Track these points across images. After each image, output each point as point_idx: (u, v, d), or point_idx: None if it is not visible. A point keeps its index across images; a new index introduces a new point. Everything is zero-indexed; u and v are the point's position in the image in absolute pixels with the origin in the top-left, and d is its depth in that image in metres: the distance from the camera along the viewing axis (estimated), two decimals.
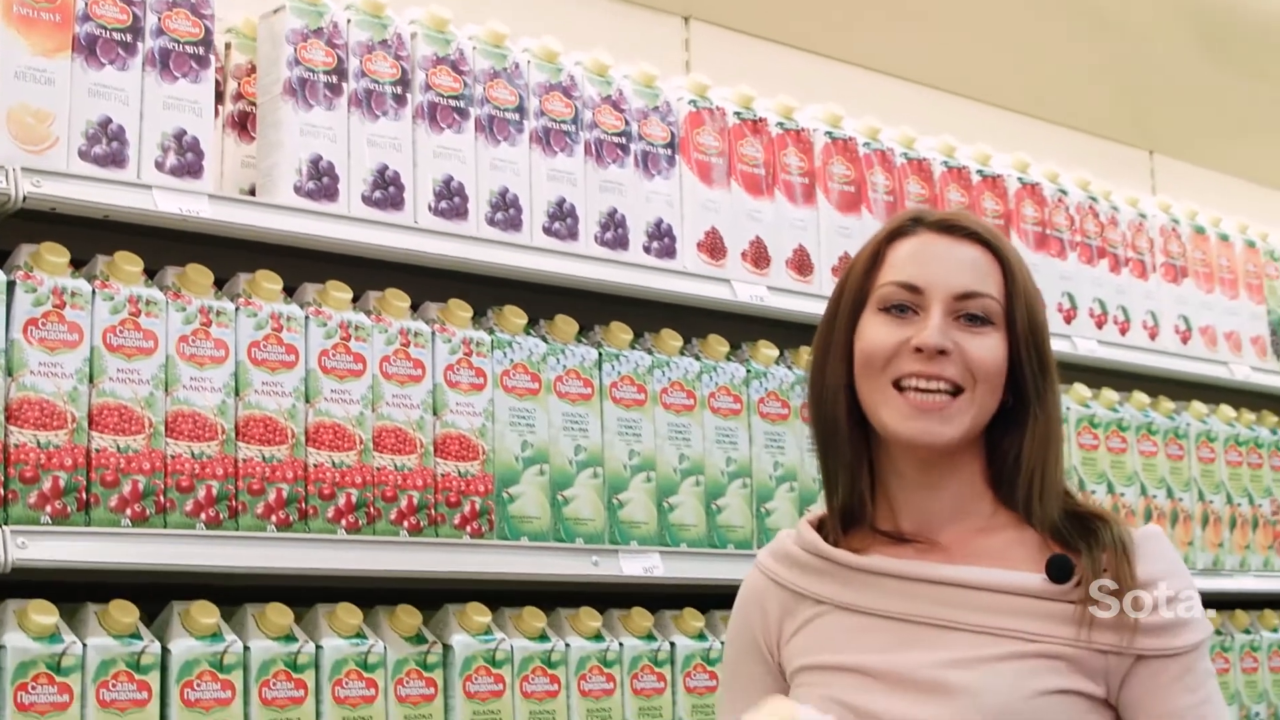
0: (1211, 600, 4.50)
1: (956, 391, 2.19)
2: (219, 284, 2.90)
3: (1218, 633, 4.51)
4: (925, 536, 2.24)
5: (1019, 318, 2.22)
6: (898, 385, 2.19)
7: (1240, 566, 4.63)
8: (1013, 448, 2.24)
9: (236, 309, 2.84)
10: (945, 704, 2.10)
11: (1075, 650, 2.14)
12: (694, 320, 3.58)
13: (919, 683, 2.13)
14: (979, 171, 4.14)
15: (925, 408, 2.17)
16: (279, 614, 2.82)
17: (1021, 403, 2.23)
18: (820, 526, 2.31)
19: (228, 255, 2.97)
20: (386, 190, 3.06)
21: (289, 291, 2.98)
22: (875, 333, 2.21)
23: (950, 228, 2.26)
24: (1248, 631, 4.60)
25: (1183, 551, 4.42)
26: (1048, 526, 2.22)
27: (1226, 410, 4.76)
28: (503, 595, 3.19)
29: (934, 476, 2.24)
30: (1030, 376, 2.22)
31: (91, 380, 2.68)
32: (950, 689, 2.11)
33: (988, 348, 2.19)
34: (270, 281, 2.91)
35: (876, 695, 2.10)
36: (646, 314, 3.50)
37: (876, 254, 2.27)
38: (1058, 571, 2.16)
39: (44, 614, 2.59)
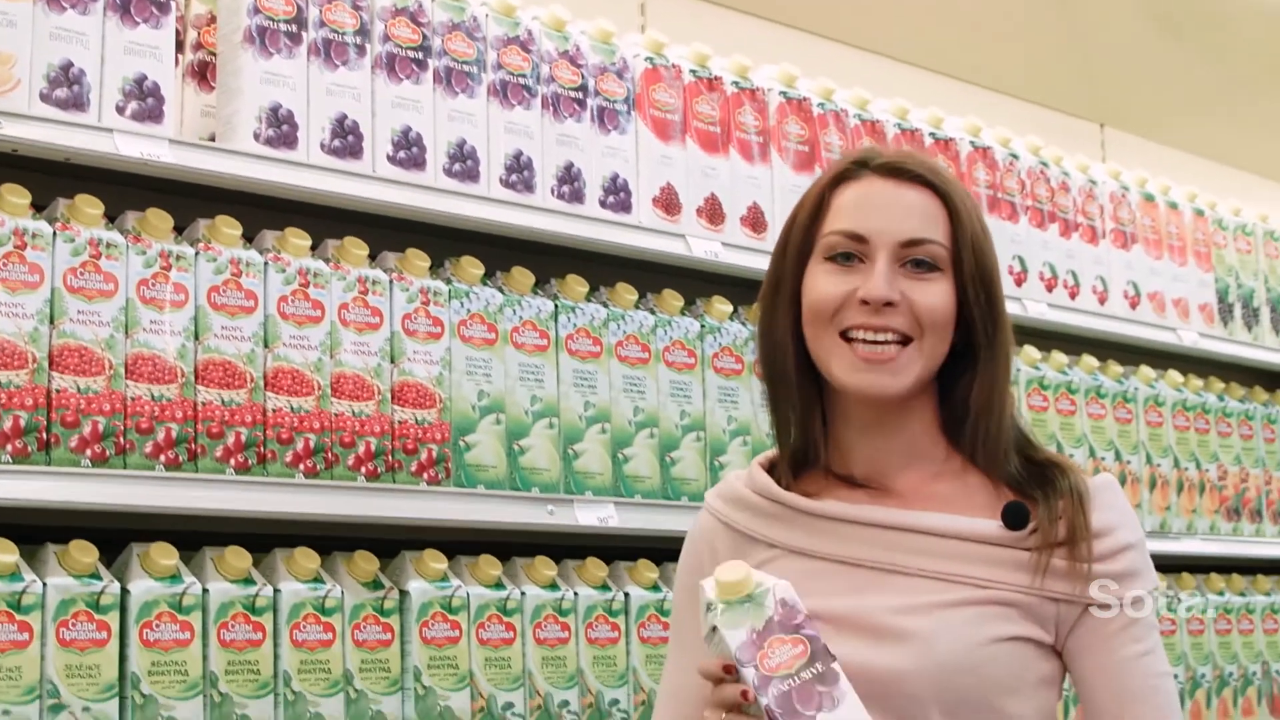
0: (1158, 563, 4.56)
1: (905, 341, 2.18)
2: (178, 231, 2.92)
3: (1164, 595, 4.57)
4: (878, 482, 2.25)
5: (966, 262, 2.20)
6: (845, 336, 2.19)
7: (1187, 530, 4.68)
8: (964, 391, 2.24)
9: (196, 254, 2.86)
10: (898, 649, 2.12)
11: (1028, 597, 2.16)
12: (649, 275, 3.61)
13: (873, 628, 2.13)
14: (931, 134, 4.18)
15: (873, 360, 2.17)
16: (237, 557, 2.84)
17: (971, 346, 2.23)
18: (772, 469, 2.31)
19: (186, 204, 2.99)
20: (345, 139, 3.08)
21: (248, 239, 3.00)
22: (822, 284, 2.21)
23: (896, 171, 2.24)
24: (1194, 594, 4.66)
25: None
26: (1001, 472, 2.23)
27: (1174, 375, 4.81)
28: (459, 543, 3.21)
29: (887, 423, 2.24)
30: (979, 320, 2.21)
31: (52, 321, 2.69)
32: (904, 634, 2.12)
33: (935, 296, 2.19)
34: (230, 227, 2.93)
35: (830, 640, 2.07)
36: (602, 268, 3.53)
37: (821, 200, 2.25)
38: (1013, 518, 2.18)
39: (4, 553, 2.61)
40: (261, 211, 3.08)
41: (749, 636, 1.99)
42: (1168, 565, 4.67)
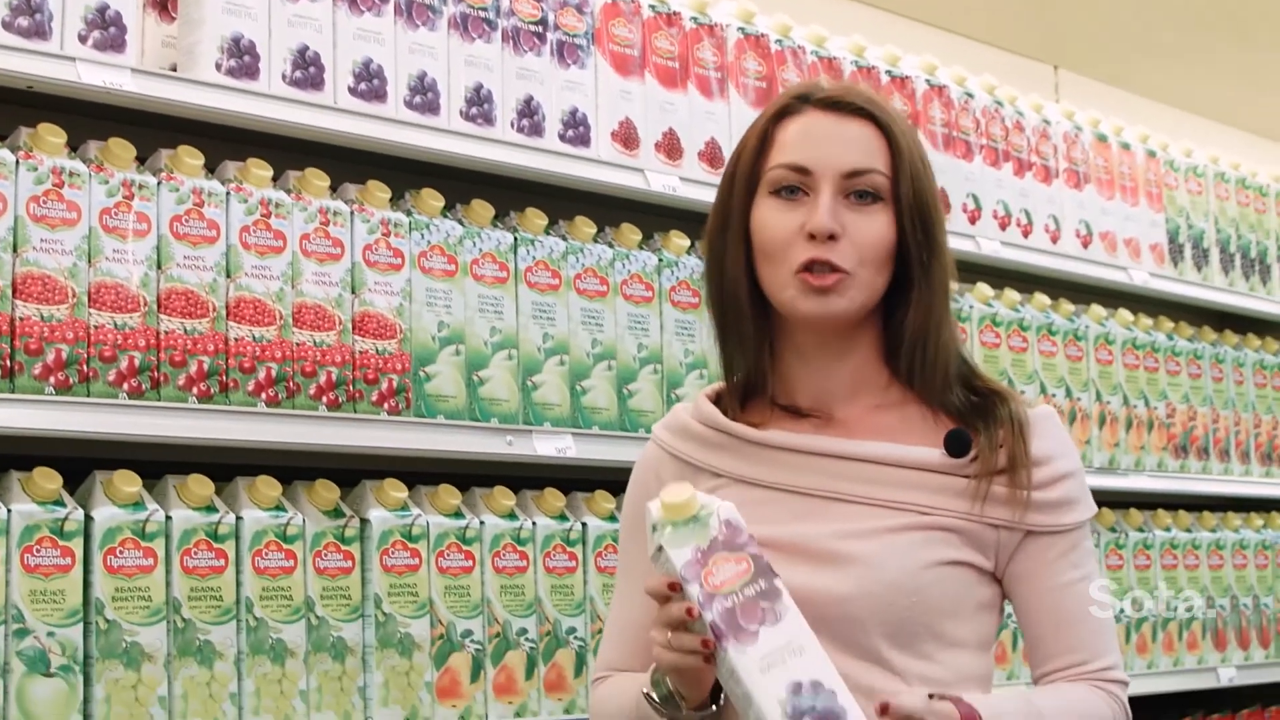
0: (1106, 499, 4.64)
1: (846, 272, 2.22)
2: (140, 160, 2.93)
3: (1111, 530, 4.63)
4: (823, 411, 2.29)
5: (904, 192, 2.23)
6: (797, 270, 2.22)
7: (1135, 466, 4.74)
8: (902, 319, 2.27)
9: (159, 183, 2.87)
10: (842, 572, 2.16)
11: (968, 524, 2.21)
12: (607, 209, 3.63)
13: (817, 552, 2.18)
14: (888, 72, 4.21)
15: (819, 287, 2.20)
16: (200, 485, 2.86)
17: (909, 276, 2.26)
18: (718, 400, 2.35)
19: (149, 133, 2.99)
20: (307, 71, 3.09)
21: (210, 170, 3.01)
22: (771, 220, 2.23)
23: (837, 104, 2.27)
24: (1141, 530, 4.72)
25: (1080, 450, 4.53)
26: (940, 401, 2.27)
27: (1125, 314, 4.86)
28: (419, 473, 3.25)
29: (833, 351, 2.28)
30: (915, 250, 2.24)
31: (15, 249, 2.70)
32: (847, 558, 2.17)
33: (875, 228, 2.22)
34: (192, 157, 2.94)
35: (776, 565, 2.10)
36: (561, 201, 3.55)
37: (765, 135, 2.28)
38: (955, 446, 2.22)
39: None
40: (223, 142, 3.09)
41: (694, 555, 2.02)
42: (1115, 501, 4.73)
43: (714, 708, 2.12)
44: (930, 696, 2.04)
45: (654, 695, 2.14)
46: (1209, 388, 5.05)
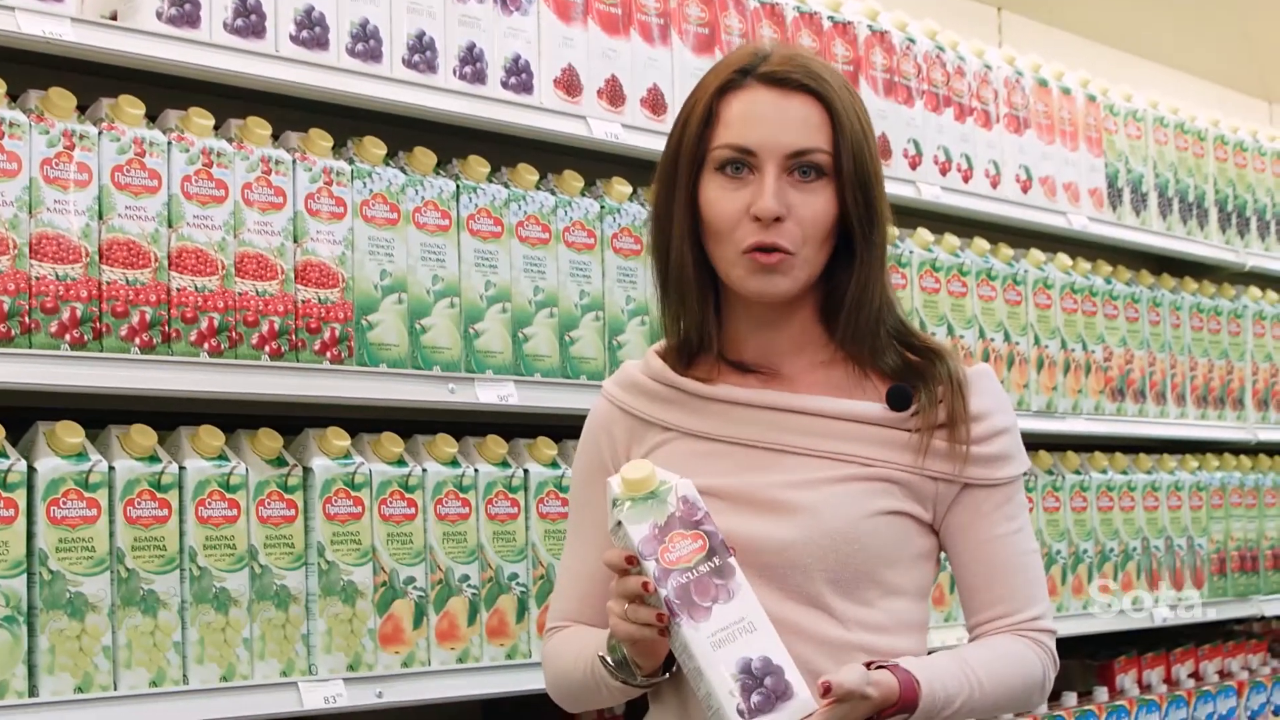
0: (1044, 442, 4.68)
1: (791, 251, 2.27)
2: (81, 110, 2.91)
3: (1049, 473, 4.68)
4: (768, 367, 2.36)
5: (846, 167, 2.29)
6: (742, 250, 2.27)
7: (1072, 410, 4.79)
8: (844, 286, 2.34)
9: (100, 133, 2.86)
10: (787, 521, 2.23)
11: (909, 475, 2.29)
12: (550, 156, 3.64)
13: (763, 502, 2.25)
14: (830, 18, 4.21)
15: (765, 266, 2.26)
16: (143, 435, 2.87)
17: (851, 245, 2.32)
18: (667, 356, 2.41)
19: (89, 82, 2.98)
20: (248, 19, 3.07)
21: (151, 119, 3.00)
22: (717, 198, 2.29)
23: (779, 80, 2.31)
24: (1078, 472, 4.78)
25: (1017, 394, 4.58)
26: (873, 359, 2.34)
27: (1063, 259, 4.90)
28: (361, 421, 3.26)
29: (777, 316, 2.35)
30: (857, 222, 2.30)
31: None
32: (792, 507, 2.24)
33: (818, 206, 2.28)
34: (133, 106, 2.92)
35: (723, 514, 2.19)
36: (503, 148, 3.56)
37: (709, 110, 2.32)
38: (897, 400, 2.30)
39: None
40: (164, 91, 3.07)
41: (651, 531, 2.09)
42: (1053, 444, 4.78)
43: (666, 675, 2.18)
44: (868, 666, 2.10)
45: (609, 660, 2.20)
46: (1146, 331, 5.10)
